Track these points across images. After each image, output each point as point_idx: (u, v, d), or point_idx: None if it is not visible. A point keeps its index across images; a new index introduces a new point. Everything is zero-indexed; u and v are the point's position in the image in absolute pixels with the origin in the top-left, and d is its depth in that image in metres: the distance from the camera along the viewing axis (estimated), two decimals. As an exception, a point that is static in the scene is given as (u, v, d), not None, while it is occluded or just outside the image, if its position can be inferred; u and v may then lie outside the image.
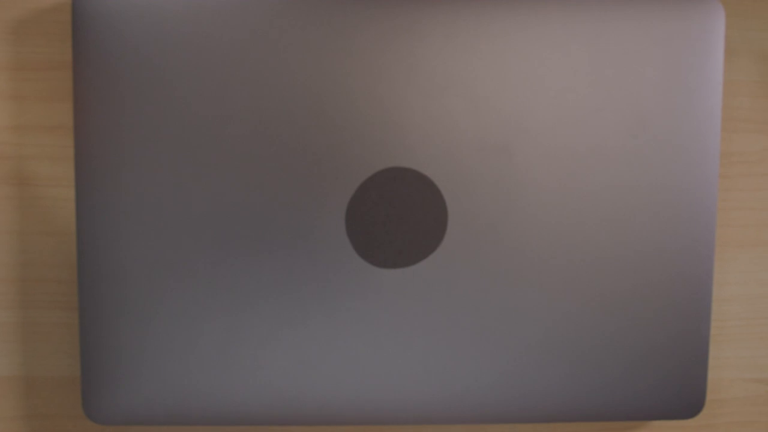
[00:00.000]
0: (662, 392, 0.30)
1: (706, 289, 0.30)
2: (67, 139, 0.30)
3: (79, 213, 0.28)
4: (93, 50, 0.28)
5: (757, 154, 0.32)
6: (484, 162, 0.28)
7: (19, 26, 0.30)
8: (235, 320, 0.28)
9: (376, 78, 0.28)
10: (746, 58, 0.31)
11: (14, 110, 0.30)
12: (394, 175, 0.28)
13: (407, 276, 0.29)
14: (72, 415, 0.30)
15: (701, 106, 0.29)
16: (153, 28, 0.28)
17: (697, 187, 0.29)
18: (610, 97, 0.29)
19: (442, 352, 0.29)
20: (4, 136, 0.30)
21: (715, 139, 0.29)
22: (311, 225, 0.28)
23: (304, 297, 0.28)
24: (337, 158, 0.28)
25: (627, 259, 0.29)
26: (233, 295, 0.28)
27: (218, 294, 0.28)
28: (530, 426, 0.33)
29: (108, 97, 0.28)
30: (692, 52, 0.29)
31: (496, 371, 0.29)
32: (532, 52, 0.28)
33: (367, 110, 0.28)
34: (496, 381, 0.29)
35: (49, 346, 0.30)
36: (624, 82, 0.29)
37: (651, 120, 0.29)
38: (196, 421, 0.29)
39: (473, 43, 0.28)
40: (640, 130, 0.29)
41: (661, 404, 0.30)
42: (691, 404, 0.30)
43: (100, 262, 0.28)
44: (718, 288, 0.32)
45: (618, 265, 0.29)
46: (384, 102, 0.28)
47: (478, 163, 0.28)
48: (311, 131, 0.28)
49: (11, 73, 0.30)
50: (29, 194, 0.30)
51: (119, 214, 0.28)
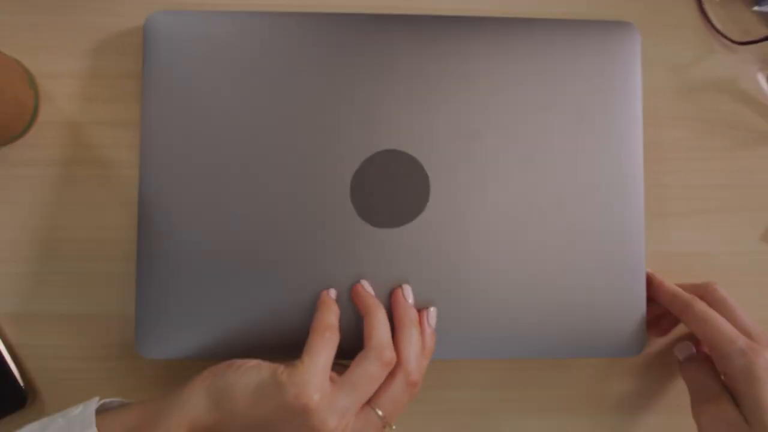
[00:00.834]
0: (611, 335, 0.38)
1: (639, 252, 0.38)
2: (134, 131, 0.38)
3: (141, 188, 0.36)
4: (157, 64, 0.36)
5: (673, 143, 0.41)
6: (460, 145, 0.37)
7: (99, 45, 0.38)
8: (260, 273, 0.36)
9: (377, 85, 0.37)
10: (660, 69, 0.40)
11: (94, 109, 0.38)
12: (389, 155, 0.37)
13: (398, 234, 0.37)
14: (128, 351, 0.38)
15: (626, 106, 0.38)
16: (202, 48, 0.37)
17: (628, 166, 0.38)
18: (555, 99, 0.38)
19: (424, 296, 0.37)
20: (87, 129, 0.38)
21: (639, 132, 0.38)
22: (323, 194, 0.36)
23: (318, 253, 0.36)
24: (344, 143, 0.37)
25: (580, 224, 0.38)
26: (260, 252, 0.36)
27: (246, 250, 0.36)
28: (504, 362, 0.40)
29: (167, 100, 0.36)
30: (616, 65, 0.38)
31: (471, 313, 0.37)
32: (494, 65, 0.37)
33: (369, 108, 0.37)
34: (471, 321, 0.37)
35: (114, 291, 0.38)
36: (566, 88, 0.38)
37: (587, 116, 0.38)
38: (223, 356, 0.37)
39: (450, 58, 0.37)
40: (578, 125, 0.38)
41: (613, 345, 0.38)
42: (635, 345, 0.38)
43: (155, 225, 0.36)
44: (648, 247, 0.40)
45: (572, 228, 0.38)
46: (382, 102, 0.37)
47: (455, 146, 0.37)
48: (326, 123, 0.37)
49: (92, 80, 0.38)
50: (105, 173, 0.38)
51: (171, 190, 0.36)
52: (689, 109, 0.41)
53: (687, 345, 0.39)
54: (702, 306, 0.35)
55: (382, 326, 0.34)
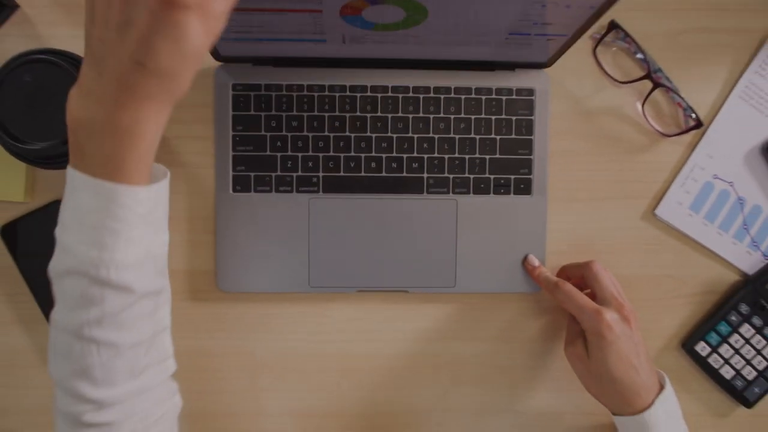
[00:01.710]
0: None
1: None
2: (209, 145, 0.57)
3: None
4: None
5: (567, 156, 0.58)
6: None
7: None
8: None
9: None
10: (568, 100, 0.58)
11: (179, 128, 0.57)
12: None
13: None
14: (210, 288, 0.57)
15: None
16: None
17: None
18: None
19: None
20: (175, 141, 0.57)
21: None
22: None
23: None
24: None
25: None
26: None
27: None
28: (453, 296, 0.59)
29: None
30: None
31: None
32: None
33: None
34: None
35: (201, 252, 0.57)
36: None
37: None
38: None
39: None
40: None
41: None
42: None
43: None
44: (550, 223, 0.58)
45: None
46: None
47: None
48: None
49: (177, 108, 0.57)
50: (189, 173, 0.57)
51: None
52: (588, 128, 0.59)
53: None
54: (565, 287, 0.53)
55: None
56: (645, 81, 0.57)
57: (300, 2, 0.43)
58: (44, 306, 0.56)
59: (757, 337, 0.59)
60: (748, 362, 0.59)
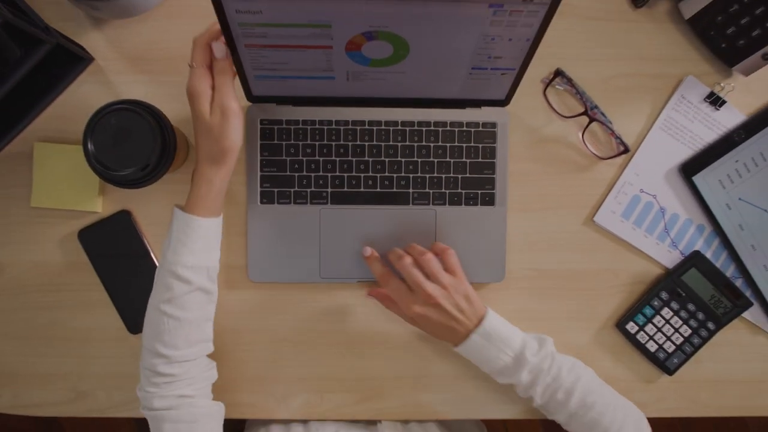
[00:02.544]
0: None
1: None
2: (242, 166, 0.73)
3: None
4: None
5: (523, 175, 0.74)
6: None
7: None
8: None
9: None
10: (524, 131, 0.74)
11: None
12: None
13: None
14: (242, 279, 0.73)
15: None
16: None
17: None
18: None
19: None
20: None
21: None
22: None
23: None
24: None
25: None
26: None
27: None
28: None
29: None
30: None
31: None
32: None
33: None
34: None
35: (235, 250, 0.73)
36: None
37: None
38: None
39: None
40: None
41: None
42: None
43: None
44: (509, 228, 0.74)
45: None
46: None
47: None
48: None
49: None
50: (227, 188, 0.73)
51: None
52: (540, 153, 0.74)
53: (372, 293, 0.73)
54: (388, 281, 0.66)
55: None
56: (584, 116, 0.72)
57: (317, 39, 0.58)
58: (112, 294, 0.72)
59: (675, 318, 0.75)
60: (668, 338, 0.75)
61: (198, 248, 0.59)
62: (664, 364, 0.75)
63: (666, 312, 0.75)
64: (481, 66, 0.64)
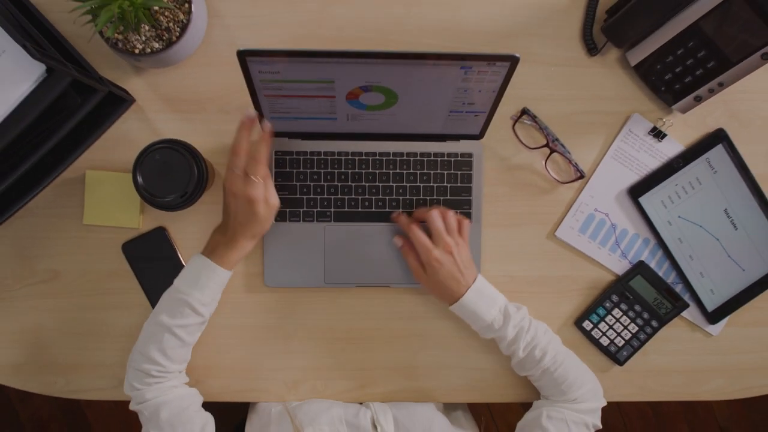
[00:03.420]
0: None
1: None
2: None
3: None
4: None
5: (496, 196, 0.88)
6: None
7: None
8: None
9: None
10: (495, 159, 0.87)
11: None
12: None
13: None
14: (259, 284, 0.87)
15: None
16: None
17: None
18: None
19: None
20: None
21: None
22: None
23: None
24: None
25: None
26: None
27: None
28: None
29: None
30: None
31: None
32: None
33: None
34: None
35: (253, 259, 0.86)
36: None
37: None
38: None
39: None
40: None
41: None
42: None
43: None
44: (484, 241, 0.87)
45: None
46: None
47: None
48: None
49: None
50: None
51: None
52: (510, 178, 0.88)
53: (397, 240, 0.85)
54: (412, 230, 0.80)
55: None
56: (546, 148, 0.86)
57: (322, 91, 0.72)
58: (150, 297, 0.86)
59: (624, 317, 0.88)
60: (619, 334, 0.89)
61: (214, 290, 0.76)
62: (616, 356, 0.89)
63: (616, 312, 0.88)
64: (458, 110, 0.78)
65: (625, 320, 0.89)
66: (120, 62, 0.84)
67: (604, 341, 0.89)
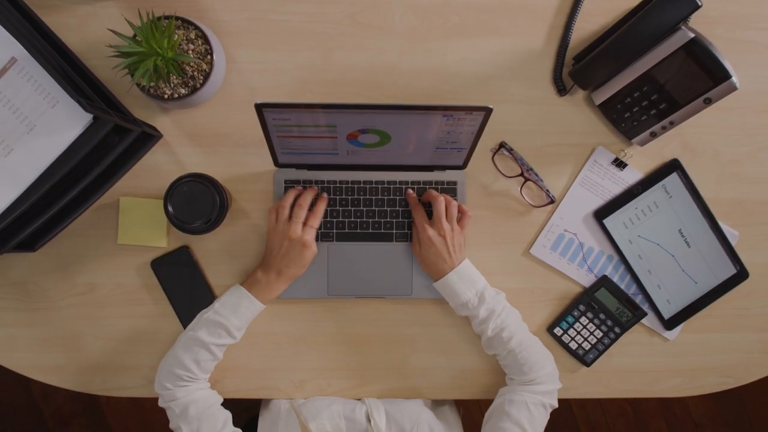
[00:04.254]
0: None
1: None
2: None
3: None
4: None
5: (477, 218, 1.00)
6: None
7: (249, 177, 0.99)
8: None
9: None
10: (477, 186, 1.00)
11: (254, 204, 0.99)
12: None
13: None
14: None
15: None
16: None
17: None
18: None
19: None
20: (252, 211, 0.99)
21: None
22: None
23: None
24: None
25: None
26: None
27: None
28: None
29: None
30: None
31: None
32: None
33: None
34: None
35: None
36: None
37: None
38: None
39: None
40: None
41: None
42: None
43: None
44: (468, 258, 1.00)
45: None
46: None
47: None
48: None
49: (253, 191, 0.99)
50: (258, 230, 0.99)
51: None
52: (490, 203, 1.00)
53: (410, 193, 0.97)
54: (416, 207, 0.94)
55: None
56: (521, 176, 0.98)
57: (326, 133, 0.85)
58: (175, 307, 0.98)
59: (590, 324, 1.01)
60: (586, 339, 1.01)
61: (248, 318, 0.91)
62: (583, 358, 1.02)
63: (583, 319, 1.01)
64: (443, 147, 0.90)
65: (591, 327, 1.01)
66: (150, 103, 0.97)
67: (573, 345, 1.01)
